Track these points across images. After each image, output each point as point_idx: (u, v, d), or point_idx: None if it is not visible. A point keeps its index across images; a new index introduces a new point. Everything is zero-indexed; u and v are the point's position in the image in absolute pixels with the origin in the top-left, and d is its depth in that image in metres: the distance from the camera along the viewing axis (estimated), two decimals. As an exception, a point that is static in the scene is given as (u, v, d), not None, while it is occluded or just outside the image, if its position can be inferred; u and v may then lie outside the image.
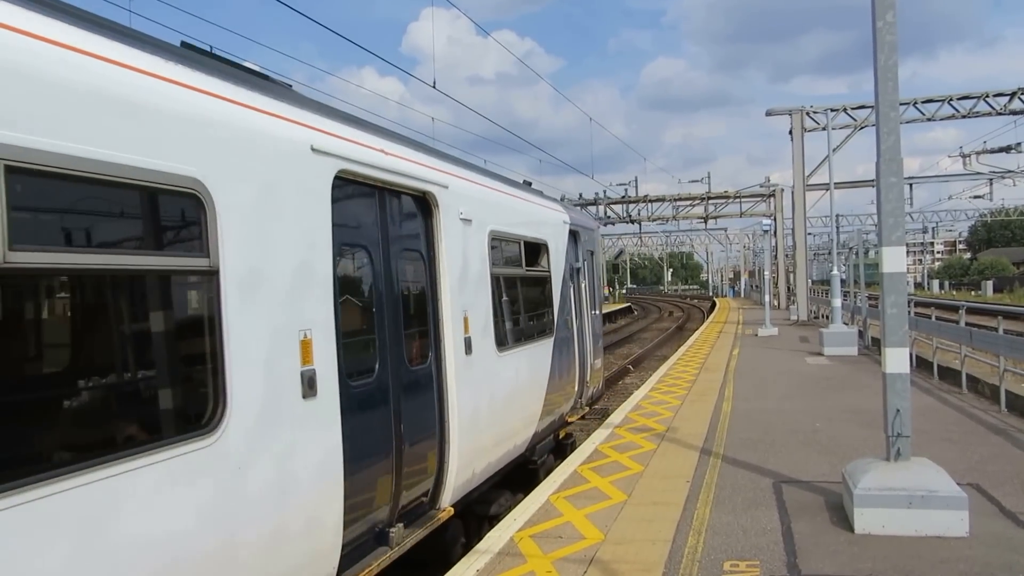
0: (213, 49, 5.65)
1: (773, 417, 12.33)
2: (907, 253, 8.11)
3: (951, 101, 35.03)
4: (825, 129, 31.26)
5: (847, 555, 6.22)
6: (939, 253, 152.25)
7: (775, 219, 45.53)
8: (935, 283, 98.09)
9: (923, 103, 35.25)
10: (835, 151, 31.67)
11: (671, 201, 50.34)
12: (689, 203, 50.32)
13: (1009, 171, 44.88)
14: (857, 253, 31.40)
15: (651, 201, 50.48)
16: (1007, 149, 39.65)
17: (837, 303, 23.99)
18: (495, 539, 6.97)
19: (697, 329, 37.27)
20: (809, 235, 44.88)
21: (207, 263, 4.22)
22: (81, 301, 3.80)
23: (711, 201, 49.54)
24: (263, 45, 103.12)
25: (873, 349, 22.17)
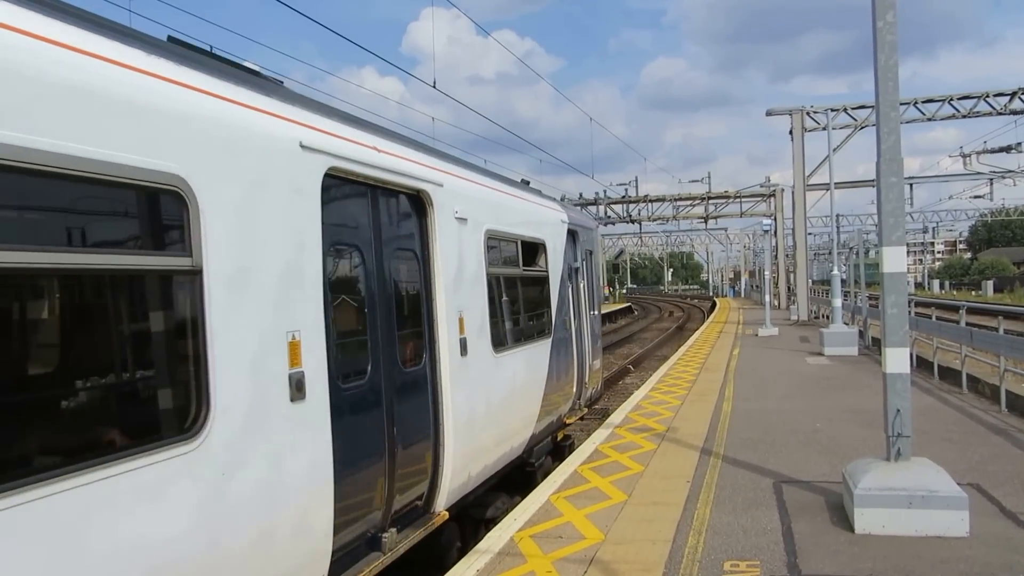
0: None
1: (773, 417, 12.33)
2: (907, 253, 8.10)
3: (951, 101, 35.03)
4: (825, 129, 31.26)
5: (847, 555, 6.23)
6: (939, 253, 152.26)
7: (775, 219, 45.54)
8: (935, 283, 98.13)
9: (923, 103, 35.26)
10: (835, 151, 31.70)
11: (671, 201, 50.40)
12: (689, 203, 50.38)
13: (1009, 171, 44.92)
14: (857, 253, 31.42)
15: (651, 201, 50.54)
16: (1007, 149, 39.68)
17: (837, 303, 23.99)
18: (495, 539, 6.97)
19: (697, 329, 37.27)
20: (809, 235, 44.88)
21: (190, 263, 4.10)
22: (57, 302, 3.67)
23: (711, 201, 49.60)
24: (263, 45, 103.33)
25: (873, 349, 22.17)
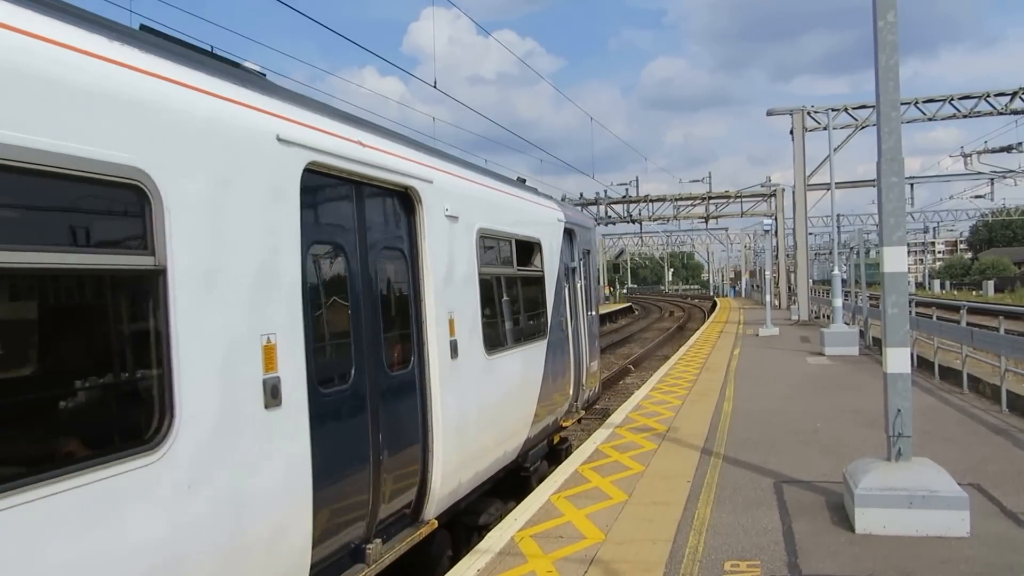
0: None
1: (774, 417, 12.32)
2: (908, 253, 8.11)
3: (952, 101, 35.02)
4: (826, 129, 31.25)
5: (848, 555, 6.23)
6: (940, 253, 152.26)
7: (776, 219, 45.56)
8: (936, 283, 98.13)
9: (924, 103, 35.24)
10: (836, 151, 31.71)
11: (672, 201, 50.46)
12: (690, 203, 50.45)
13: (1010, 171, 44.95)
14: (858, 253, 31.43)
15: (652, 201, 50.60)
16: (1008, 149, 39.69)
17: (838, 303, 23.98)
18: (496, 539, 6.97)
19: (698, 329, 37.27)
20: (810, 235, 44.89)
21: (152, 261, 3.86)
22: (3, 304, 3.44)
23: (712, 201, 49.65)
24: (263, 45, 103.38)
25: (874, 349, 22.18)
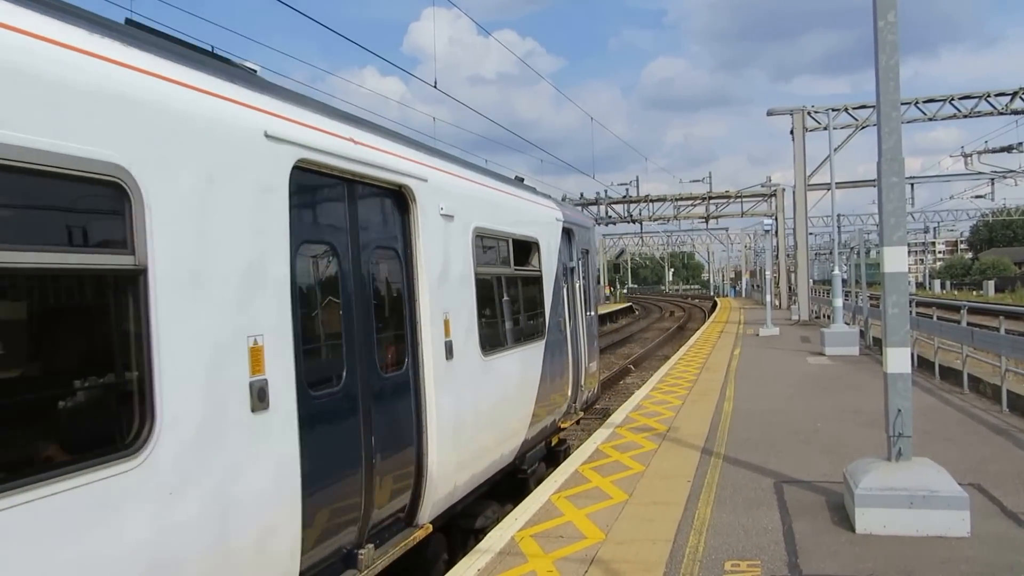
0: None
1: (774, 417, 12.32)
2: (908, 253, 8.11)
3: (952, 101, 35.01)
4: (826, 129, 31.26)
5: (848, 555, 6.23)
6: (941, 253, 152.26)
7: (776, 219, 45.55)
8: (936, 283, 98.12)
9: (924, 103, 35.23)
10: (836, 151, 31.70)
11: (672, 201, 50.47)
12: (690, 203, 50.46)
13: (1011, 171, 44.91)
14: (858, 253, 31.43)
15: (652, 201, 50.61)
16: (1008, 149, 39.69)
17: (838, 303, 23.98)
18: (496, 538, 6.97)
19: (698, 329, 37.28)
20: (810, 235, 44.90)
21: (132, 261, 3.74)
22: None
23: (712, 201, 49.66)
24: (263, 44, 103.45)
25: (874, 349, 22.17)
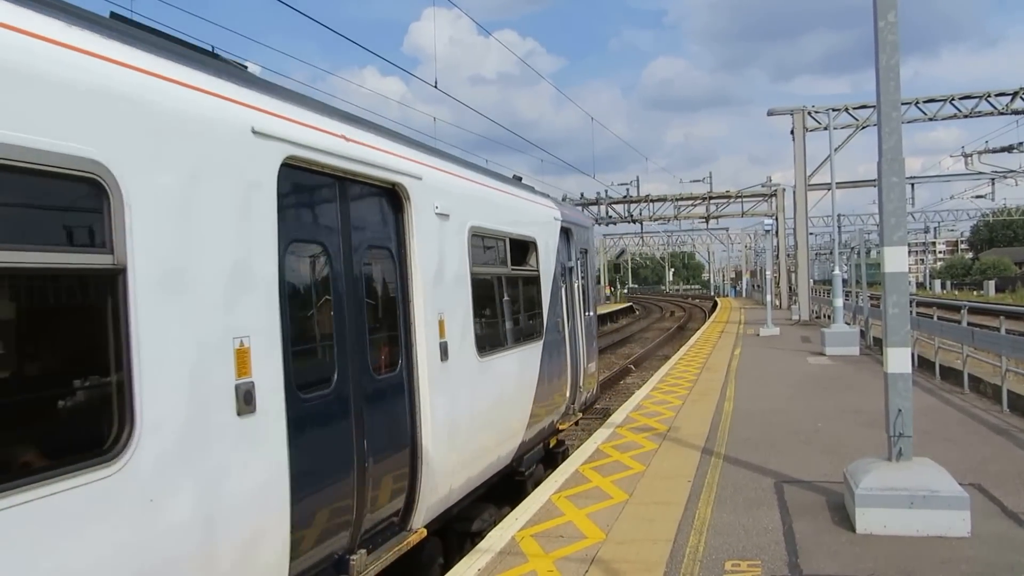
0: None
1: (775, 417, 12.33)
2: (909, 253, 8.11)
3: (953, 101, 35.00)
4: (827, 129, 31.25)
5: (849, 555, 6.23)
6: (941, 253, 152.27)
7: (777, 219, 45.52)
8: (937, 283, 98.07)
9: (925, 103, 35.23)
10: (837, 151, 31.70)
11: (673, 201, 50.47)
12: (691, 203, 50.47)
13: (1011, 171, 44.86)
14: (859, 253, 31.43)
15: (653, 201, 50.61)
16: (1009, 149, 39.67)
17: (839, 303, 23.99)
18: (496, 538, 6.97)
19: (699, 329, 37.28)
20: (811, 235, 44.89)
21: (110, 260, 3.63)
22: None
23: (713, 201, 49.65)
24: (264, 44, 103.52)
25: (875, 349, 22.17)
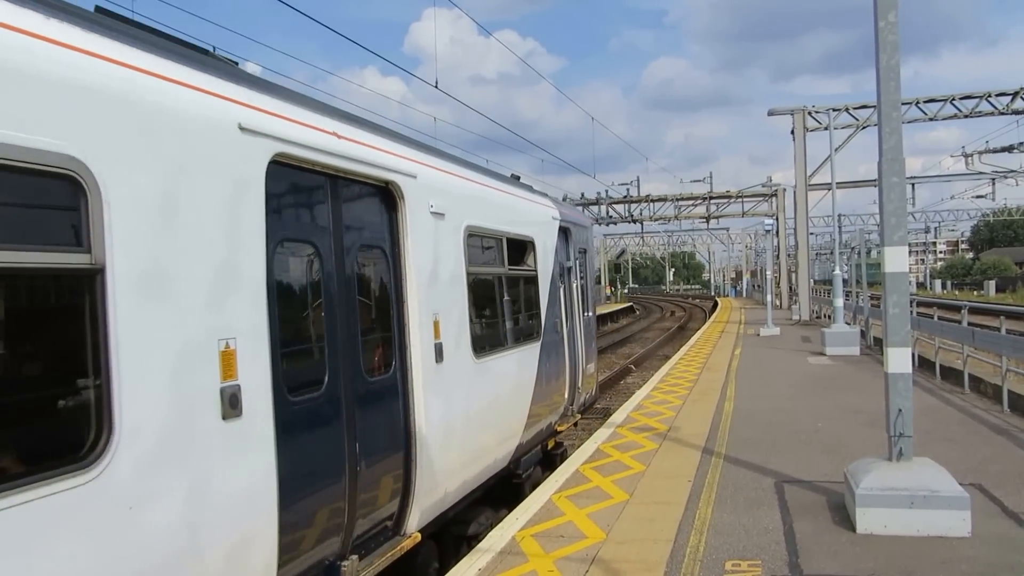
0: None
1: (775, 417, 12.33)
2: (909, 253, 8.12)
3: (953, 101, 34.98)
4: (827, 129, 31.23)
5: (849, 555, 6.23)
6: (941, 253, 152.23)
7: (777, 219, 45.50)
8: (937, 283, 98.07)
9: (925, 103, 35.21)
10: (837, 151, 31.71)
11: (673, 201, 50.45)
12: (691, 203, 50.46)
13: (1012, 171, 44.82)
14: (859, 253, 31.44)
15: (653, 201, 50.61)
16: (1009, 149, 39.64)
17: (839, 303, 23.99)
18: (497, 538, 6.97)
19: (699, 329, 37.27)
20: (811, 235, 44.88)
21: (88, 259, 3.52)
22: None
23: (713, 201, 49.65)
24: (264, 45, 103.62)
25: (875, 349, 22.17)
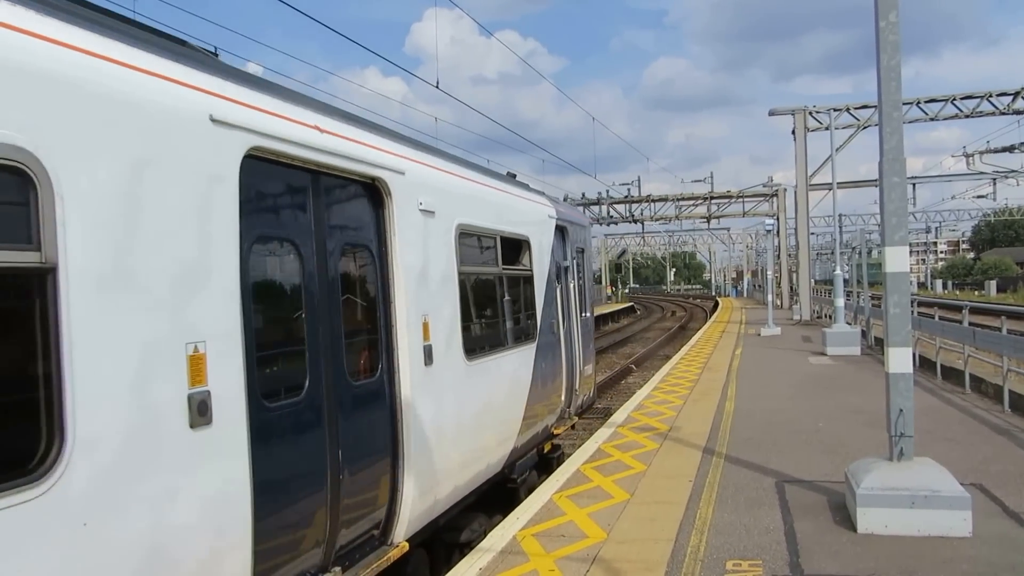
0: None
1: (776, 416, 12.33)
2: (910, 253, 8.12)
3: (954, 101, 34.95)
4: (828, 129, 31.21)
5: (850, 555, 6.23)
6: (942, 253, 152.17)
7: (778, 219, 45.50)
8: (938, 283, 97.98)
9: (926, 103, 35.18)
10: (838, 151, 31.71)
11: (674, 201, 50.45)
12: (692, 203, 50.47)
13: (1012, 171, 44.81)
14: (860, 253, 31.44)
15: (654, 201, 50.61)
16: (1010, 149, 39.65)
17: (840, 303, 23.97)
18: (498, 538, 6.98)
19: (700, 329, 37.27)
20: (812, 235, 44.94)
21: (37, 258, 3.31)
22: None
23: (714, 201, 49.65)
24: (265, 45, 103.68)
25: (876, 349, 22.15)
